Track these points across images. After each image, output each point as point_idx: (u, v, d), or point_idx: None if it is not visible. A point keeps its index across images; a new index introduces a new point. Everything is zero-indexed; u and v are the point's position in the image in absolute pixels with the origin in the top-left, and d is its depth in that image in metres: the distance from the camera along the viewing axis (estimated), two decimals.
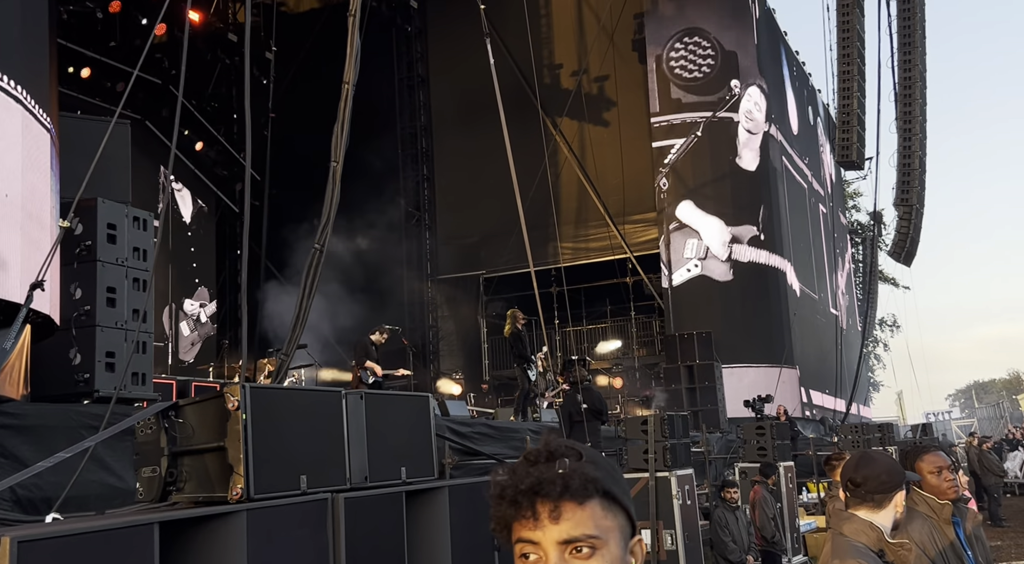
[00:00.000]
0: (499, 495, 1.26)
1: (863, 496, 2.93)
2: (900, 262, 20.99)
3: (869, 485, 2.93)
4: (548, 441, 1.31)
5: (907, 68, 18.13)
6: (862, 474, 2.97)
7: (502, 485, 1.26)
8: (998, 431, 36.24)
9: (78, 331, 7.11)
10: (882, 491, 2.91)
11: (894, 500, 2.91)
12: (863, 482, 2.95)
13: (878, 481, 2.93)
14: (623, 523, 1.28)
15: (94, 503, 5.38)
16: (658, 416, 8.59)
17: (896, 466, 3.00)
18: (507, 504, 1.25)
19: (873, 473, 2.95)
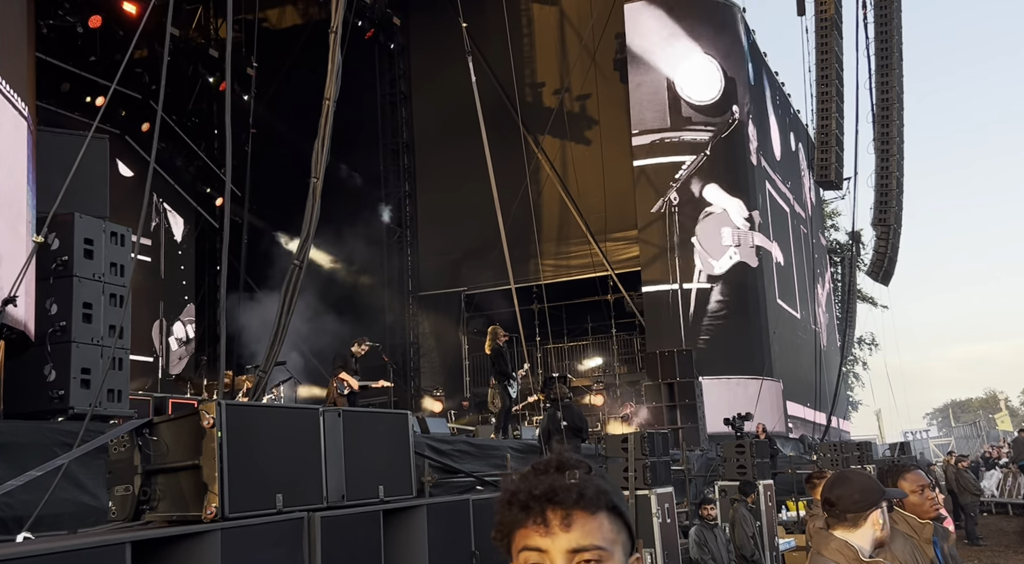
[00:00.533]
0: (509, 500, 1.26)
1: (838, 515, 2.94)
2: (878, 281, 21.20)
3: (842, 504, 2.94)
4: (559, 453, 1.31)
5: (885, 89, 18.38)
6: (836, 493, 2.97)
7: (513, 490, 1.26)
8: (975, 450, 36.50)
9: (53, 347, 7.01)
10: (855, 510, 2.91)
11: (870, 519, 2.90)
12: (837, 501, 2.95)
13: (851, 500, 2.93)
14: (625, 539, 1.28)
15: (67, 522, 5.30)
16: (638, 434, 8.59)
17: (872, 485, 2.99)
18: (517, 509, 1.24)
19: (846, 492, 2.95)
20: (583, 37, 21.77)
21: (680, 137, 20.61)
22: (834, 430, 23.83)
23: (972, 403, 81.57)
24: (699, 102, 20.74)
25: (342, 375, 11.75)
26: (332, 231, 18.65)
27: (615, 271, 20.96)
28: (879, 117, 18.68)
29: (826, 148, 18.63)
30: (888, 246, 19.97)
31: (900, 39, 18.74)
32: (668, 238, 20.06)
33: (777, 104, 25.44)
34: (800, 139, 27.90)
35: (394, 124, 23.52)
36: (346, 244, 21.07)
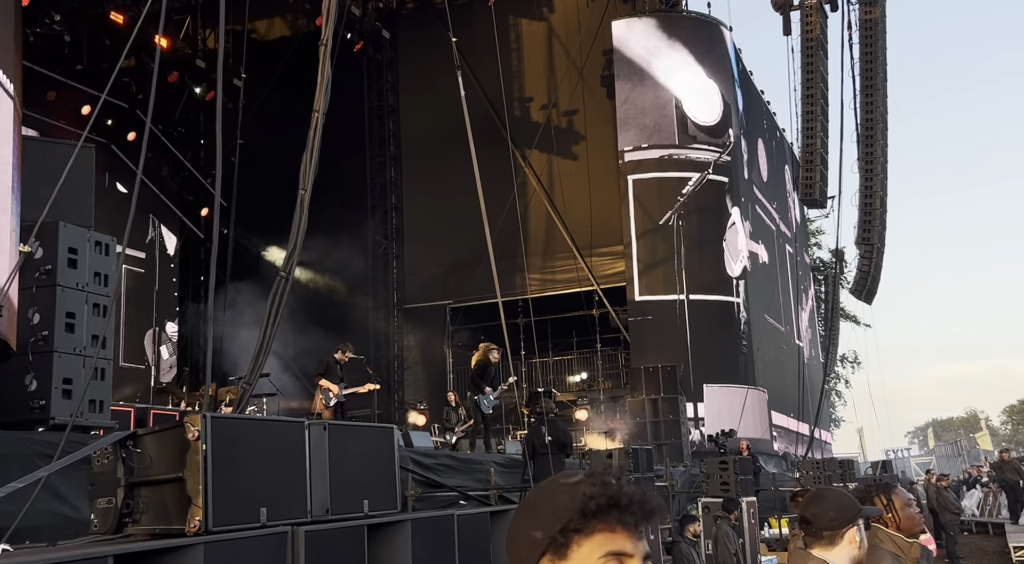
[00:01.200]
0: (610, 504, 1.27)
1: (815, 534, 2.94)
2: (861, 300, 21.37)
3: (819, 522, 2.94)
4: (609, 467, 1.37)
5: (869, 110, 18.58)
6: (812, 512, 2.98)
7: (614, 494, 1.28)
8: (956, 469, 36.70)
9: (35, 356, 6.95)
10: (831, 528, 2.91)
11: (846, 536, 2.91)
12: (813, 520, 2.96)
13: (827, 518, 2.93)
14: None
15: (47, 534, 5.24)
16: (623, 449, 8.59)
17: (848, 502, 2.99)
18: (617, 510, 1.27)
19: (821, 510, 2.96)
20: (571, 53, 21.90)
21: (687, 155, 20.76)
22: (817, 441, 23.91)
23: (953, 422, 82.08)
24: (703, 123, 20.93)
25: (322, 382, 11.68)
26: (318, 243, 18.59)
27: (600, 286, 21.01)
28: (863, 137, 18.88)
29: (811, 167, 18.80)
30: (871, 265, 20.14)
31: (885, 60, 18.96)
32: (676, 249, 20.15)
33: (764, 126, 25.65)
34: (785, 158, 28.13)
35: (381, 136, 23.55)
36: (332, 256, 21.02)
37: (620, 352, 22.12)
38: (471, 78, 19.09)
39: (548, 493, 1.34)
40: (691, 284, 20.21)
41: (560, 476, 1.37)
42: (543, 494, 1.35)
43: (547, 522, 1.28)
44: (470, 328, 21.84)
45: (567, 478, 1.34)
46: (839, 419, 42.08)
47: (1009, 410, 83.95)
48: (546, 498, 1.33)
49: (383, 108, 23.64)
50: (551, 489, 1.34)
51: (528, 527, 1.31)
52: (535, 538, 1.29)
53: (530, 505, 1.35)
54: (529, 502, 1.37)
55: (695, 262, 20.28)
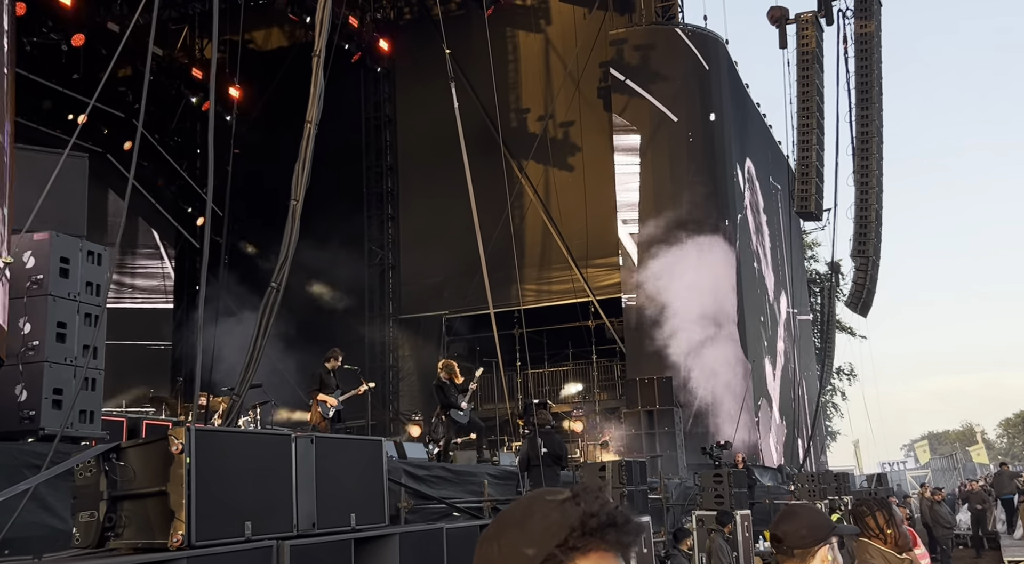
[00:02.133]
0: (610, 523, 1.27)
1: (785, 552, 2.91)
2: (857, 312, 21.37)
3: (790, 540, 2.91)
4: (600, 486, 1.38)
5: (864, 123, 18.63)
6: (782, 529, 2.94)
7: (613, 512, 1.28)
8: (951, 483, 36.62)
9: (25, 367, 6.91)
10: (802, 546, 2.88)
11: (818, 555, 2.87)
12: (784, 538, 2.92)
13: (797, 536, 2.90)
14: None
15: (35, 546, 5.19)
16: (617, 463, 8.56)
17: (821, 521, 2.96)
18: (615, 531, 1.28)
19: (792, 528, 2.92)
20: (568, 65, 21.95)
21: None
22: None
23: (949, 435, 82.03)
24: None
25: (320, 397, 11.62)
26: (314, 253, 18.58)
27: (596, 297, 20.99)
28: (859, 150, 18.93)
29: (806, 179, 18.83)
30: (867, 277, 20.16)
31: (880, 74, 19.02)
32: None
33: (759, 138, 25.68)
34: (781, 170, 28.16)
35: (378, 147, 23.59)
36: (328, 266, 21.01)
37: (616, 363, 22.09)
38: (468, 89, 19.15)
39: (538, 509, 1.31)
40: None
41: (544, 492, 1.35)
42: (531, 510, 1.32)
43: (540, 539, 1.26)
44: (466, 339, 21.81)
45: (553, 496, 1.32)
46: (835, 432, 42.06)
47: (1005, 423, 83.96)
48: (536, 514, 1.30)
49: (380, 118, 23.68)
50: (540, 505, 1.31)
51: (517, 543, 1.28)
52: (527, 555, 1.26)
53: (516, 521, 1.32)
54: (514, 518, 1.33)
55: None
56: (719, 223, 20.76)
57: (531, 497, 1.36)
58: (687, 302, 20.22)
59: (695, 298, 20.21)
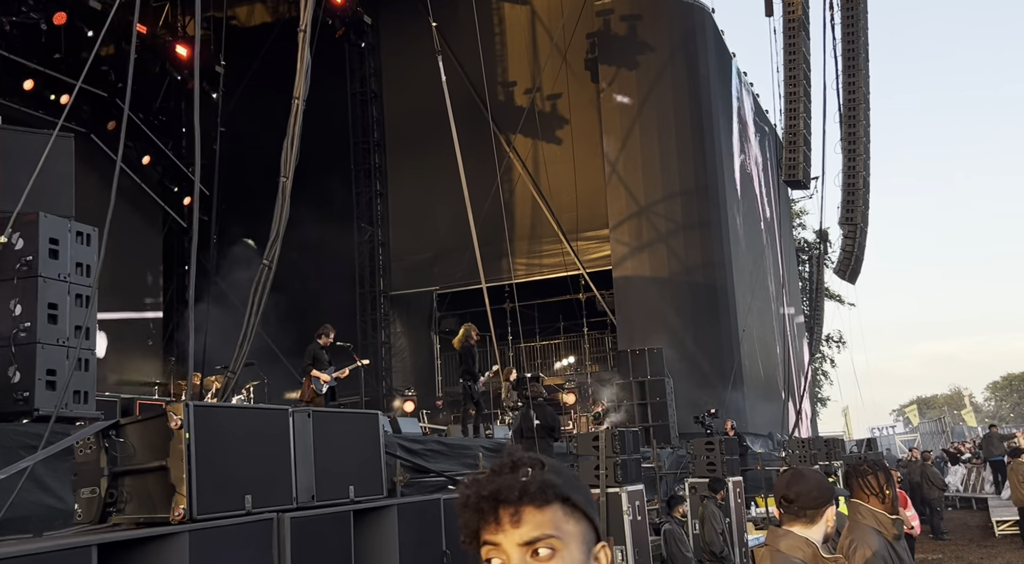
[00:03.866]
0: (464, 504, 1.31)
1: (796, 512, 2.99)
2: (845, 280, 21.47)
3: (801, 501, 2.98)
4: (511, 452, 1.35)
5: (851, 90, 18.61)
6: (794, 491, 3.02)
7: (466, 494, 1.31)
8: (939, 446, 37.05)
9: (18, 348, 6.91)
10: (814, 507, 2.96)
11: (825, 515, 2.97)
12: (796, 498, 3.00)
13: (810, 497, 2.98)
14: (585, 529, 1.32)
15: (32, 525, 5.23)
16: (609, 432, 8.63)
17: (826, 483, 3.06)
18: (471, 511, 1.30)
19: (805, 489, 3.00)
20: (554, 37, 21.82)
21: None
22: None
23: (937, 400, 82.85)
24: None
25: (314, 373, 11.66)
26: (303, 230, 18.52)
27: (586, 270, 21.04)
28: (846, 117, 18.93)
29: (794, 148, 18.83)
30: (855, 245, 20.24)
31: (867, 41, 18.99)
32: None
33: (748, 105, 25.65)
34: (769, 139, 28.16)
35: (365, 123, 23.44)
36: (317, 244, 20.94)
37: (607, 336, 22.19)
38: (454, 63, 19.02)
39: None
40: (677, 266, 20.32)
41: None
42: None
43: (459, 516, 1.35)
44: (457, 314, 21.85)
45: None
46: (825, 398, 42.41)
47: (992, 386, 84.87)
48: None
49: (366, 94, 23.52)
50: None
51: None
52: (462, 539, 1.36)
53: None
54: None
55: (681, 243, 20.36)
56: (708, 192, 20.79)
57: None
58: (677, 272, 20.31)
59: (685, 267, 20.30)
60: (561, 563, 1.27)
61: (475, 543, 1.31)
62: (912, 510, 10.75)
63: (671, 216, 20.50)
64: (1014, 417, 72.17)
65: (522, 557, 1.27)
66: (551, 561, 1.27)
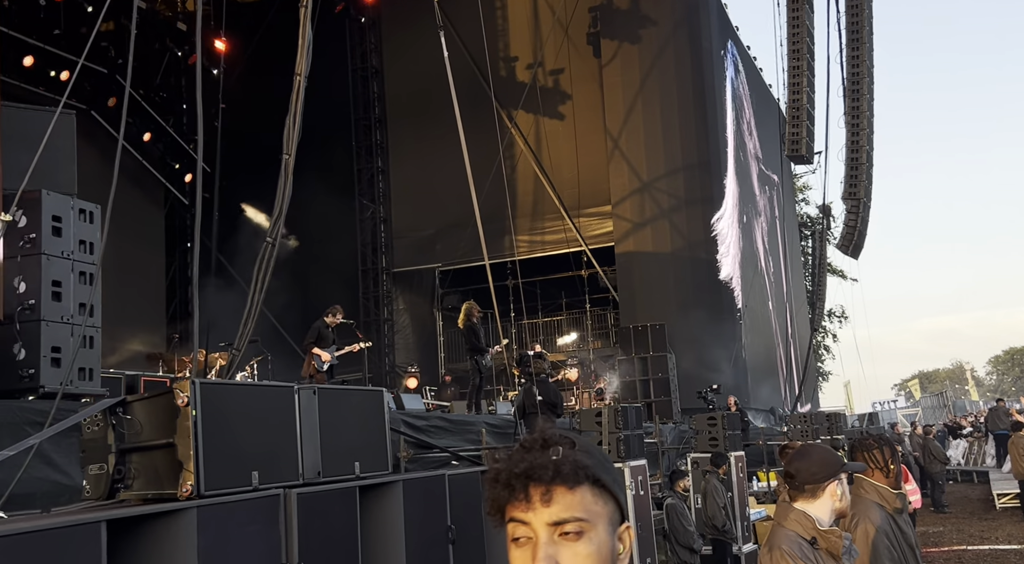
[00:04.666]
0: (494, 478, 1.31)
1: (798, 487, 3.03)
2: (848, 255, 21.44)
3: (801, 477, 3.02)
4: (543, 430, 1.36)
5: (855, 64, 18.47)
6: (795, 466, 3.06)
7: (497, 469, 1.31)
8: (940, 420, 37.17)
9: (22, 325, 6.92)
10: (813, 482, 3.00)
11: (827, 490, 2.99)
12: (796, 474, 3.04)
13: (809, 473, 3.01)
14: (612, 510, 1.33)
15: (40, 501, 5.27)
16: (612, 408, 8.66)
17: (830, 458, 3.07)
18: (501, 487, 1.30)
19: (804, 465, 3.04)
20: (556, 11, 21.64)
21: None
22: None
23: (939, 374, 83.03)
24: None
25: (315, 350, 11.70)
26: (306, 208, 18.50)
27: (589, 246, 21.02)
28: (849, 91, 18.80)
29: (797, 122, 18.73)
30: (858, 220, 20.19)
31: (871, 13, 18.82)
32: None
33: (750, 79, 25.49)
34: (772, 114, 28.01)
35: (366, 99, 23.32)
36: (320, 221, 20.93)
37: (609, 312, 22.21)
38: (455, 38, 18.88)
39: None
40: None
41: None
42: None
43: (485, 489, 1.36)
44: (459, 291, 21.86)
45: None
46: (827, 373, 42.48)
47: (995, 360, 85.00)
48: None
49: (367, 70, 23.38)
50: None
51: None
52: (485, 511, 1.37)
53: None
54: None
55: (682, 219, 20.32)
56: (710, 167, 20.72)
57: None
58: (680, 247, 20.28)
59: (687, 243, 20.27)
60: (588, 544, 1.28)
61: (500, 517, 1.31)
62: (913, 484, 10.81)
63: (673, 192, 20.43)
64: (1015, 391, 72.32)
65: (550, 536, 1.27)
66: (578, 542, 1.27)
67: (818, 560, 2.86)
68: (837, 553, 2.88)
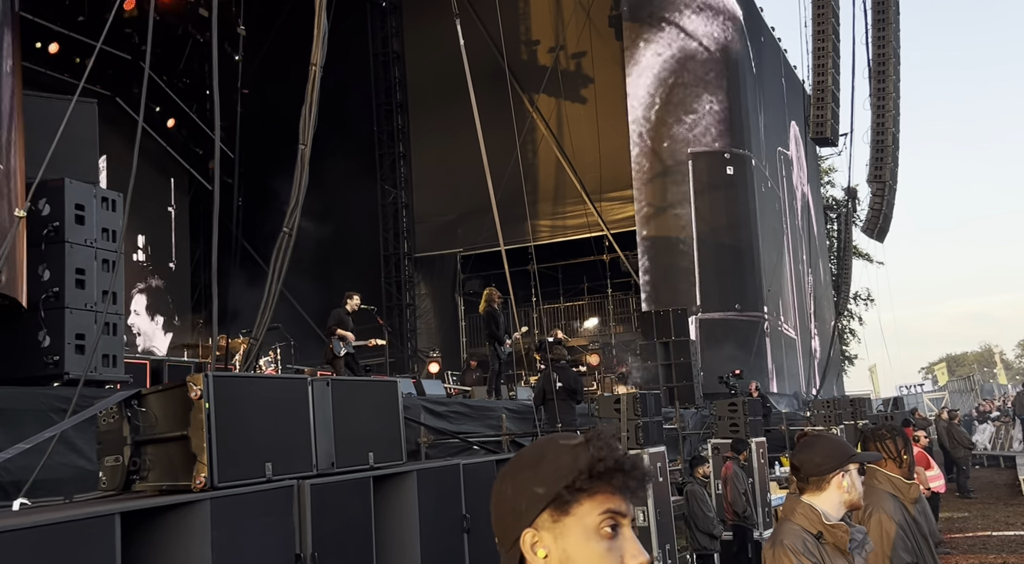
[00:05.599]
0: (609, 468, 1.36)
1: (804, 479, 2.99)
2: (873, 238, 21.24)
3: (806, 469, 2.99)
4: (611, 438, 1.43)
5: (881, 45, 18.22)
6: (799, 458, 3.02)
7: (620, 458, 1.38)
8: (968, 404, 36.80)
9: (47, 313, 7.02)
10: (817, 474, 2.95)
11: (833, 482, 2.94)
12: (800, 466, 3.01)
13: (812, 465, 2.97)
14: None
15: (66, 487, 5.37)
16: (631, 395, 8.65)
17: (836, 449, 3.01)
18: (623, 475, 1.37)
19: (808, 457, 3.00)
20: None
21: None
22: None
23: (967, 357, 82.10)
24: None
25: (339, 332, 11.77)
26: (327, 193, 18.56)
27: (610, 231, 20.95)
28: (875, 73, 18.56)
29: (822, 104, 18.53)
30: (883, 202, 19.98)
31: None
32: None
33: (775, 60, 25.18)
34: (797, 96, 27.68)
35: (387, 84, 23.32)
36: (341, 206, 21.00)
37: (631, 297, 22.15)
38: (476, 22, 18.81)
39: (550, 452, 1.40)
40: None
41: (558, 437, 1.44)
42: (543, 452, 1.41)
43: (550, 479, 1.36)
44: (481, 276, 21.88)
45: (567, 440, 1.41)
46: (852, 357, 42.15)
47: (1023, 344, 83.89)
48: (548, 457, 1.40)
49: (388, 55, 23.35)
50: (552, 448, 1.41)
51: (530, 482, 1.38)
52: (537, 493, 1.36)
53: (530, 462, 1.41)
54: (528, 459, 1.43)
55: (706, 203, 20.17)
56: (736, 151, 20.54)
57: (546, 440, 1.46)
58: (702, 232, 20.15)
59: (710, 227, 20.14)
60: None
61: (578, 494, 1.35)
62: (936, 469, 10.71)
63: (697, 175, 20.28)
64: None
65: (631, 532, 1.39)
66: (629, 536, 1.39)
67: (823, 555, 2.82)
68: (844, 548, 2.85)
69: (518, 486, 1.39)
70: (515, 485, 1.39)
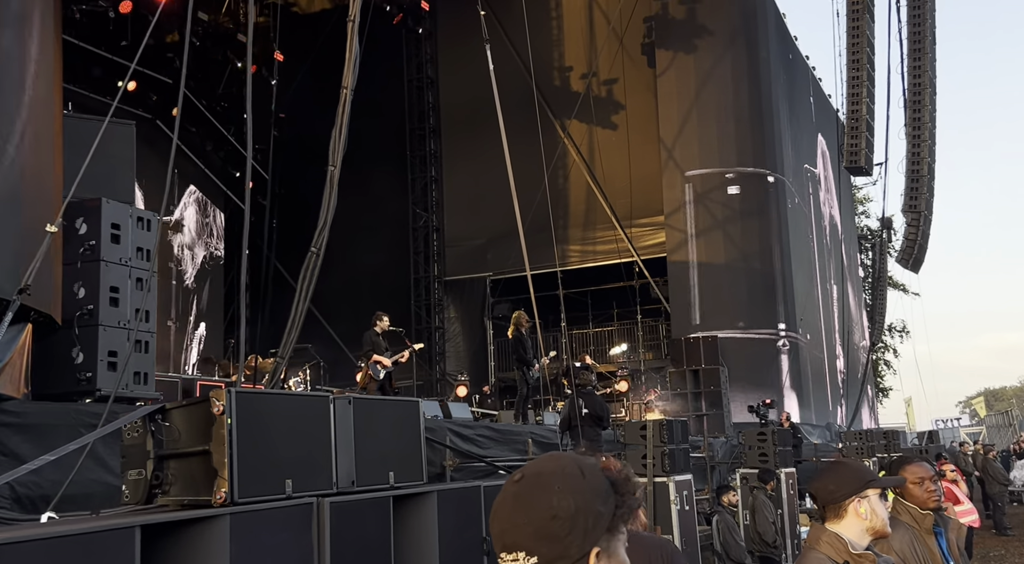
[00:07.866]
0: (635, 491, 1.48)
1: (821, 507, 2.95)
2: (908, 269, 20.96)
3: (821, 497, 2.94)
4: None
5: (917, 74, 18.09)
6: (815, 486, 2.98)
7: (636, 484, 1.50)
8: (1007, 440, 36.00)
9: (81, 330, 7.15)
10: (832, 501, 2.89)
11: (850, 509, 2.87)
12: (816, 494, 2.96)
13: (826, 492, 2.91)
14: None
15: (95, 501, 5.43)
16: (657, 422, 8.59)
17: (851, 475, 2.94)
18: (633, 502, 1.46)
19: (822, 484, 2.95)
20: (611, 20, 21.61)
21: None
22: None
23: (1006, 392, 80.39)
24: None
25: (375, 357, 11.82)
26: (359, 216, 18.74)
27: (641, 257, 20.90)
28: (911, 102, 18.42)
29: (856, 133, 18.39)
30: (918, 233, 19.73)
31: (933, 23, 18.42)
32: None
33: (804, 79, 25.05)
34: (830, 124, 27.52)
35: (420, 109, 23.57)
36: (372, 229, 21.19)
37: (661, 323, 22.04)
38: (509, 47, 18.99)
39: (588, 472, 1.43)
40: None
41: (571, 455, 1.48)
42: (580, 469, 1.42)
43: (605, 500, 1.41)
44: (510, 300, 21.91)
45: (583, 459, 1.46)
46: (887, 389, 41.50)
47: None
48: (589, 476, 1.42)
49: (422, 80, 23.63)
50: (585, 468, 1.43)
51: (591, 501, 1.39)
52: (600, 512, 1.40)
53: (576, 479, 1.41)
54: (572, 474, 1.42)
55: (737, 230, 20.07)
56: (767, 179, 20.45)
57: (568, 458, 1.47)
58: (734, 259, 20.04)
59: (741, 254, 20.02)
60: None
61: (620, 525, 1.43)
62: (968, 504, 10.47)
63: (728, 202, 20.20)
64: None
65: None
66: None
67: None
68: None
69: (579, 503, 1.38)
70: (576, 502, 1.38)
